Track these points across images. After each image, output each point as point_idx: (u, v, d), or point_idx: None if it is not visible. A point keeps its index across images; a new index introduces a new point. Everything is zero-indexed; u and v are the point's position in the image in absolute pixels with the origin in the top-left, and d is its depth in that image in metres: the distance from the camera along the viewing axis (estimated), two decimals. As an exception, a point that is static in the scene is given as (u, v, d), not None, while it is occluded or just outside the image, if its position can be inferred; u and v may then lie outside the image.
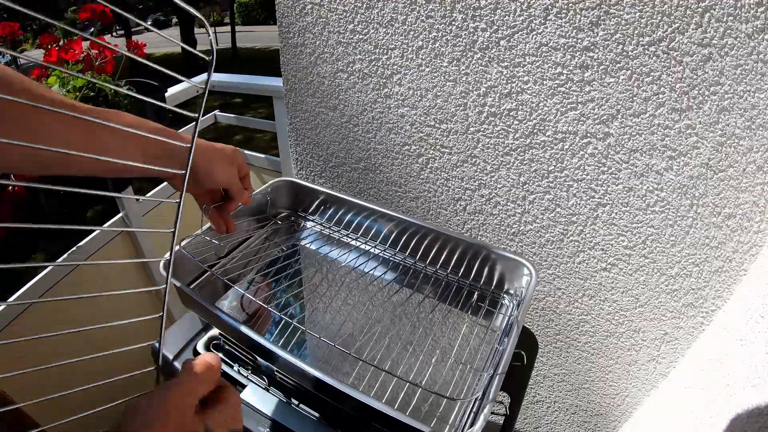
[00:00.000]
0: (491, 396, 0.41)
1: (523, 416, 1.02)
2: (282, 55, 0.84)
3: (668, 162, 0.61)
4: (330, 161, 0.92)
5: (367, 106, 0.80)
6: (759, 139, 0.55)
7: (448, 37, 0.67)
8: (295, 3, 0.77)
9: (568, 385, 0.92)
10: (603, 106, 0.62)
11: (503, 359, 0.45)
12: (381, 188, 0.89)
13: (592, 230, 0.72)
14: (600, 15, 0.56)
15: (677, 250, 0.67)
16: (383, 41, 0.72)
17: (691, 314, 0.71)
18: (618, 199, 0.67)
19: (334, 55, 0.78)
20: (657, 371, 0.80)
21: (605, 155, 0.65)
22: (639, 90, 0.58)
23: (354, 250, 0.70)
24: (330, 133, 0.88)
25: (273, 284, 0.63)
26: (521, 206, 0.76)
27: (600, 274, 0.75)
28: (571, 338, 0.85)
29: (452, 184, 0.80)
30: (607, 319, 0.79)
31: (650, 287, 0.72)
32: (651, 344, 0.77)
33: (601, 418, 0.92)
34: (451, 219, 0.84)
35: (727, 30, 0.51)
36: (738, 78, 0.53)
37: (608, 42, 0.57)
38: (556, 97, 0.64)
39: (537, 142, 0.69)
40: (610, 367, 0.84)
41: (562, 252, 0.77)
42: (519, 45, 0.63)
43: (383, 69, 0.75)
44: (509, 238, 0.81)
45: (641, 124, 0.61)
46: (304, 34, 0.79)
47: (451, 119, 0.74)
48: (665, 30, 0.54)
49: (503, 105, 0.68)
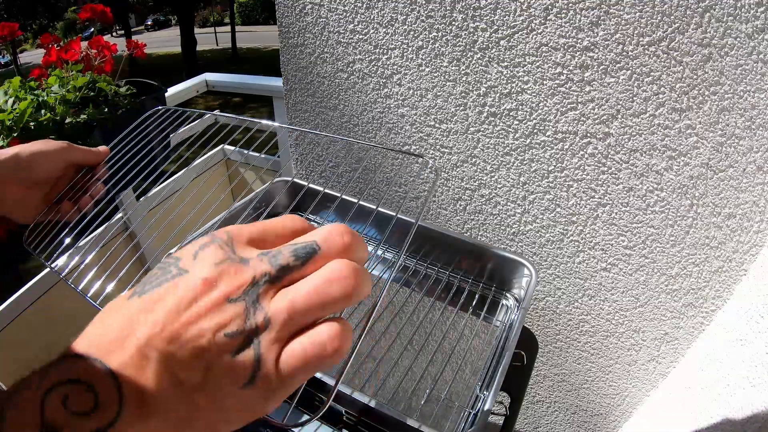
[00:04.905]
0: (491, 396, 0.41)
1: (523, 416, 1.02)
2: (282, 55, 0.84)
3: (668, 162, 0.61)
4: (330, 161, 0.92)
5: (367, 106, 0.80)
6: (759, 139, 0.55)
7: (448, 37, 0.67)
8: (295, 3, 0.77)
9: (568, 385, 0.92)
10: (603, 106, 0.62)
11: (503, 359, 0.45)
12: (381, 188, 0.89)
13: (592, 230, 0.72)
14: (600, 15, 0.56)
15: (677, 250, 0.67)
16: (383, 41, 0.72)
17: (691, 314, 0.71)
18: (618, 199, 0.67)
19: (334, 55, 0.78)
20: (657, 371, 0.80)
21: (605, 155, 0.65)
22: (639, 90, 0.59)
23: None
24: (330, 133, 0.88)
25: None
26: (521, 206, 0.76)
27: (600, 274, 0.75)
28: (571, 338, 0.85)
29: (452, 184, 0.80)
30: (607, 319, 0.79)
31: (650, 287, 0.72)
32: (651, 344, 0.77)
33: (601, 418, 0.92)
34: (451, 219, 0.84)
35: (727, 30, 0.51)
36: (738, 78, 0.53)
37: (608, 42, 0.57)
38: (556, 97, 0.64)
39: (537, 142, 0.69)
40: (610, 367, 0.84)
41: (562, 252, 0.77)
42: (519, 45, 0.63)
43: (383, 69, 0.75)
44: (509, 238, 0.81)
45: (641, 124, 0.61)
46: (304, 34, 0.79)
47: (451, 119, 0.74)
48: (665, 30, 0.54)
49: (503, 105, 0.68)
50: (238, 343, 0.20)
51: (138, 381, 0.19)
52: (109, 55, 0.79)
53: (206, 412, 0.20)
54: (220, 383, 0.19)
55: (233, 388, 0.20)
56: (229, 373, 0.19)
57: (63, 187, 0.46)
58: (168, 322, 0.19)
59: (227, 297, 0.20)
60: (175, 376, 0.19)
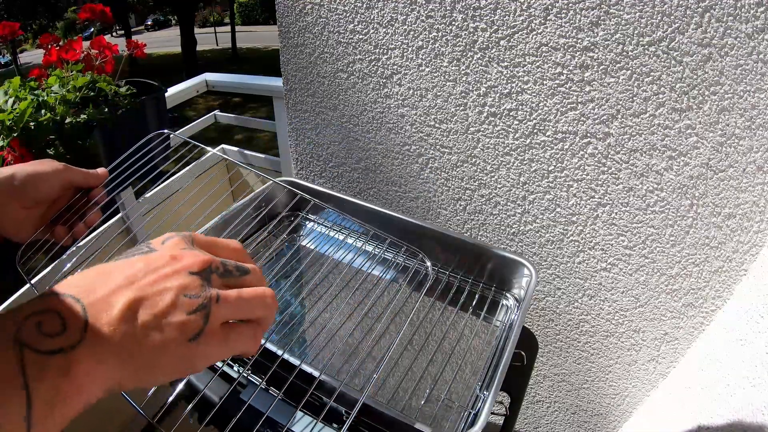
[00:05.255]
0: (491, 396, 0.42)
1: (523, 416, 1.02)
2: (282, 55, 0.84)
3: (668, 162, 0.61)
4: (330, 161, 0.92)
5: (367, 106, 0.80)
6: (759, 139, 0.55)
7: (448, 37, 0.67)
8: (295, 3, 0.77)
9: (568, 385, 0.92)
10: (603, 106, 0.62)
11: (503, 359, 0.45)
12: (381, 188, 0.89)
13: (592, 230, 0.72)
14: (600, 15, 0.56)
15: (677, 250, 0.67)
16: (383, 41, 0.72)
17: (691, 314, 0.71)
18: (618, 199, 0.67)
19: (334, 55, 0.78)
20: (657, 371, 0.80)
21: (605, 155, 0.65)
22: (639, 90, 0.59)
23: (354, 250, 0.70)
24: (330, 133, 0.88)
25: (272, 284, 0.63)
26: (521, 206, 0.76)
27: (600, 274, 0.75)
28: (571, 338, 0.85)
29: (452, 184, 0.80)
30: (607, 319, 0.79)
31: (650, 287, 0.72)
32: (651, 344, 0.77)
33: (601, 418, 0.92)
34: (451, 219, 0.84)
35: (727, 30, 0.51)
36: (738, 78, 0.53)
37: (608, 42, 0.57)
38: (556, 97, 0.64)
39: (537, 142, 0.69)
40: (610, 367, 0.84)
41: (562, 252, 0.77)
42: (519, 45, 0.63)
43: (383, 69, 0.75)
44: (509, 238, 0.81)
45: (641, 124, 0.61)
46: (304, 34, 0.79)
47: (451, 119, 0.74)
48: (665, 30, 0.54)
49: (503, 105, 0.68)
50: (196, 304, 0.25)
51: (103, 318, 0.22)
52: (111, 55, 0.79)
53: (151, 357, 0.23)
54: (172, 334, 0.24)
55: (182, 340, 0.24)
56: (182, 326, 0.24)
57: (61, 207, 0.45)
58: (138, 278, 0.24)
59: (189, 269, 0.26)
60: (135, 321, 0.23)
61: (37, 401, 0.19)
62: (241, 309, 0.27)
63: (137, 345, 0.23)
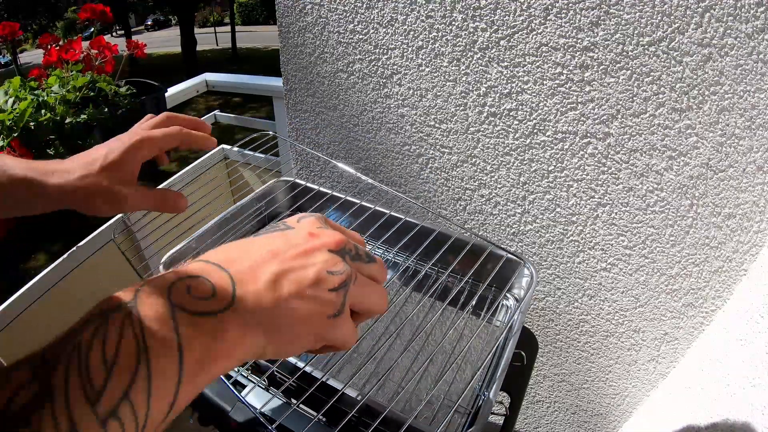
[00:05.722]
0: (491, 396, 0.42)
1: (523, 416, 1.02)
2: (282, 55, 0.84)
3: (668, 162, 0.61)
4: (330, 161, 0.92)
5: (367, 106, 0.80)
6: (759, 139, 0.55)
7: (448, 37, 0.67)
8: (295, 3, 0.77)
9: (568, 385, 0.92)
10: (603, 106, 0.62)
11: (503, 359, 0.45)
12: (381, 188, 0.89)
13: (592, 230, 0.72)
14: (600, 15, 0.56)
15: (677, 250, 0.67)
16: (383, 41, 0.72)
17: (691, 314, 0.71)
18: (618, 199, 0.67)
19: (334, 55, 0.78)
20: (657, 371, 0.80)
21: (605, 155, 0.65)
22: (639, 90, 0.59)
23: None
24: (330, 133, 0.88)
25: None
26: (521, 206, 0.76)
27: (600, 274, 0.75)
28: (571, 338, 0.85)
29: (452, 184, 0.80)
30: (607, 319, 0.79)
31: (650, 287, 0.72)
32: (651, 344, 0.77)
33: (601, 418, 0.92)
34: (451, 219, 0.84)
35: (727, 30, 0.51)
36: (738, 78, 0.53)
37: (608, 42, 0.57)
38: (556, 97, 0.64)
39: (537, 142, 0.69)
40: (610, 367, 0.84)
41: (562, 252, 0.77)
42: (519, 45, 0.63)
43: (383, 69, 0.75)
44: (509, 238, 0.81)
45: (641, 124, 0.61)
46: (304, 34, 0.79)
47: (451, 119, 0.74)
48: (665, 30, 0.54)
49: (503, 105, 0.68)
50: (339, 281, 0.25)
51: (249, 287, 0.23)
52: (110, 55, 0.79)
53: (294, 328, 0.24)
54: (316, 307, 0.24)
55: (323, 314, 0.24)
56: (326, 301, 0.24)
57: None
58: (281, 252, 0.25)
59: (327, 247, 0.26)
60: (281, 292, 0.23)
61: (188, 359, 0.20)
62: (366, 295, 0.27)
63: (282, 315, 0.23)
